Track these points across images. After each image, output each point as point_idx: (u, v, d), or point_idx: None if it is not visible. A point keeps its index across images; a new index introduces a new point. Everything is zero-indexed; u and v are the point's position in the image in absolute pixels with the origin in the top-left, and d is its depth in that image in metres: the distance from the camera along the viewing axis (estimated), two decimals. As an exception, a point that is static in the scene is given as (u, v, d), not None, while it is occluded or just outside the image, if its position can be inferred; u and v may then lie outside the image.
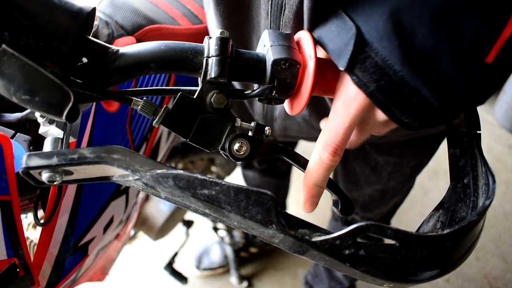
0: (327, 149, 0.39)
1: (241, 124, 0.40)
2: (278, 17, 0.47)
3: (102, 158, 0.34)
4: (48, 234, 0.55)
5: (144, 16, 0.69)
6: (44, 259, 0.56)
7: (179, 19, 0.75)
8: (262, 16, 0.49)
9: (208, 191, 0.32)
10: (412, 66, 0.34)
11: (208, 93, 0.38)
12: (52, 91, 0.32)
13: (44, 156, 0.34)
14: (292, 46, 0.39)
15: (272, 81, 0.39)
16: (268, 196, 0.32)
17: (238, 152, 0.39)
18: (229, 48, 0.37)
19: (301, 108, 0.40)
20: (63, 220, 0.58)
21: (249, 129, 0.41)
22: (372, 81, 0.36)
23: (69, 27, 0.34)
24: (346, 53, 0.36)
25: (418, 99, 0.36)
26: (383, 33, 0.35)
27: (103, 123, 0.60)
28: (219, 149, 0.39)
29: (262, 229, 0.33)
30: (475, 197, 0.41)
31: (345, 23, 0.37)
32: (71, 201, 0.59)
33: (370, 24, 0.36)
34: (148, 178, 0.33)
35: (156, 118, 0.37)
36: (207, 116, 0.38)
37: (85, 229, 0.65)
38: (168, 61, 0.37)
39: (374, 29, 0.35)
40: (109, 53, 0.37)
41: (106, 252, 0.81)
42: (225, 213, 0.33)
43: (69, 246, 0.62)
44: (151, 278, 1.63)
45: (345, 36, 0.37)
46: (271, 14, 0.47)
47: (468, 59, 0.34)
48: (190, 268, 1.63)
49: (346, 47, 0.37)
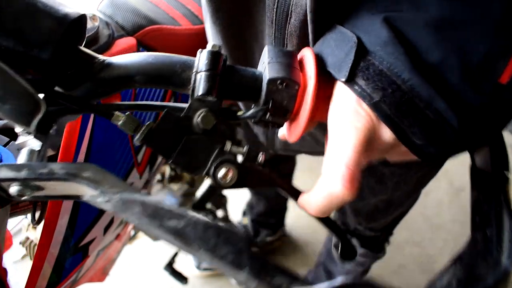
0: (339, 180, 0.31)
1: (231, 148, 0.36)
2: (284, 25, 0.43)
3: (71, 175, 0.31)
4: (48, 234, 0.55)
5: (144, 16, 0.68)
6: (44, 260, 0.56)
7: (179, 20, 0.74)
8: (266, 24, 0.46)
9: (176, 223, 0.29)
10: (422, 75, 0.30)
11: (196, 111, 0.35)
12: (22, 99, 0.30)
13: (14, 169, 0.32)
14: (293, 64, 0.35)
15: (267, 102, 0.34)
16: (240, 236, 0.28)
17: (222, 179, 0.35)
18: (220, 63, 0.34)
19: (298, 136, 0.36)
20: (64, 221, 0.58)
21: (241, 154, 0.37)
22: (377, 90, 0.32)
23: (51, 33, 0.32)
24: (347, 62, 0.33)
25: (432, 114, 0.31)
26: (387, 40, 0.31)
27: (103, 125, 0.60)
28: (204, 174, 0.36)
29: (234, 272, 0.29)
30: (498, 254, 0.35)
31: (344, 35, 0.34)
32: (72, 202, 0.58)
33: (372, 33, 0.32)
34: (116, 201, 0.30)
35: (137, 135, 0.34)
36: (194, 137, 0.35)
37: (86, 230, 0.65)
38: (154, 75, 0.34)
39: (376, 37, 0.32)
40: (95, 63, 0.35)
41: (106, 252, 0.81)
42: (194, 249, 0.29)
43: (69, 247, 0.61)
44: (151, 278, 1.62)
45: (345, 46, 0.33)
46: (276, 22, 0.44)
47: (478, 78, 0.30)
48: (190, 268, 1.61)
49: (347, 56, 0.33)
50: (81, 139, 0.56)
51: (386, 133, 0.33)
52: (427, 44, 0.30)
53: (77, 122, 0.54)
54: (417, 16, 0.31)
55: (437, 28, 0.30)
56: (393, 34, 0.31)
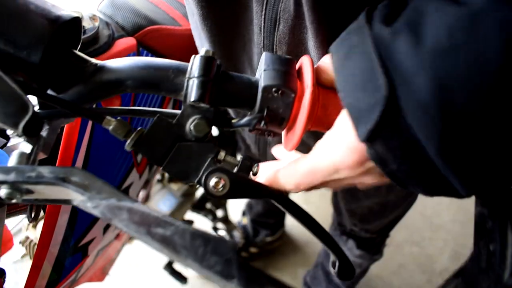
0: (288, 184, 0.34)
1: (225, 157, 0.36)
2: (272, 32, 0.43)
3: (59, 179, 0.31)
4: (48, 234, 0.55)
5: (144, 16, 0.68)
6: (44, 259, 0.56)
7: (179, 20, 0.74)
8: (255, 32, 0.45)
9: (163, 231, 0.28)
10: (451, 156, 0.25)
11: (189, 118, 0.34)
12: (9, 100, 0.30)
13: (2, 171, 0.31)
14: (290, 72, 0.34)
15: (262, 110, 0.34)
16: (229, 245, 0.27)
17: (215, 188, 0.34)
18: (213, 69, 0.33)
19: (294, 145, 0.35)
20: (63, 221, 0.58)
21: (235, 164, 0.36)
22: (394, 161, 0.28)
23: (40, 36, 0.31)
24: (369, 121, 0.27)
25: (442, 184, 0.28)
26: (426, 108, 0.24)
27: None
28: (195, 183, 0.35)
29: (223, 282, 0.28)
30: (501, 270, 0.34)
31: (373, 73, 0.27)
32: None
33: (411, 88, 0.25)
34: (104, 206, 0.30)
35: (128, 141, 0.34)
36: (186, 144, 0.34)
37: (85, 230, 0.65)
38: (146, 80, 0.34)
39: (414, 99, 0.25)
40: (86, 67, 0.34)
41: (106, 252, 0.81)
42: (182, 258, 0.29)
43: (69, 246, 0.62)
44: (151, 278, 1.61)
45: (371, 94, 0.27)
46: (265, 29, 0.43)
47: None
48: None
49: (370, 113, 0.27)
50: (81, 139, 0.56)
51: (376, 177, 0.32)
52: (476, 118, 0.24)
53: (76, 123, 0.54)
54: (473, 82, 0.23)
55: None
56: (436, 101, 0.24)
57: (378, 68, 0.26)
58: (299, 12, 0.39)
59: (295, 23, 0.40)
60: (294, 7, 0.39)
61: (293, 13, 0.39)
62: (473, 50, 0.23)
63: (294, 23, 0.40)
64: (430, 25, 0.25)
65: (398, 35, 0.26)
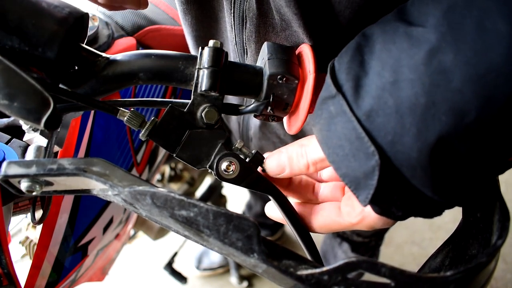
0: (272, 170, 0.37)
1: (242, 148, 0.38)
2: (241, 30, 0.44)
3: (81, 170, 0.32)
4: (48, 234, 0.55)
5: (144, 16, 0.69)
6: (44, 259, 0.56)
7: (179, 20, 0.74)
8: (227, 29, 0.46)
9: (186, 213, 0.30)
10: (444, 191, 0.28)
11: (199, 107, 0.36)
12: (31, 96, 0.31)
13: (23, 165, 0.32)
14: (292, 60, 0.37)
15: (268, 96, 0.36)
16: (250, 222, 0.29)
17: (225, 171, 0.36)
18: (222, 60, 0.35)
19: (299, 127, 0.37)
20: (63, 220, 0.58)
21: (248, 155, 0.38)
22: (398, 210, 0.30)
23: (55, 32, 0.32)
24: (368, 188, 0.29)
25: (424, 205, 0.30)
26: (416, 164, 0.27)
27: (103, 124, 0.60)
28: (207, 167, 0.37)
29: (244, 257, 0.30)
30: (488, 234, 0.36)
31: (361, 142, 0.28)
32: (71, 201, 0.58)
33: (399, 149, 0.27)
34: (126, 194, 0.31)
35: (143, 131, 0.35)
36: (197, 131, 0.36)
37: (85, 230, 0.66)
38: (157, 71, 0.35)
39: (404, 158, 0.27)
40: (98, 61, 0.36)
41: (105, 252, 0.81)
42: (205, 237, 0.31)
43: (69, 246, 0.62)
44: (151, 278, 1.63)
45: (364, 162, 0.28)
46: (235, 27, 0.44)
47: None
48: (190, 268, 1.62)
49: (368, 179, 0.28)
50: (80, 140, 0.56)
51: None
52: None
53: (76, 123, 0.55)
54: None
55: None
56: (428, 158, 0.26)
57: (365, 137, 0.27)
58: (262, 10, 0.40)
59: (259, 21, 0.41)
60: (256, 6, 0.40)
61: (256, 12, 0.40)
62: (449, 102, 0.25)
63: (259, 21, 0.41)
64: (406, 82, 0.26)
65: (375, 99, 0.27)
